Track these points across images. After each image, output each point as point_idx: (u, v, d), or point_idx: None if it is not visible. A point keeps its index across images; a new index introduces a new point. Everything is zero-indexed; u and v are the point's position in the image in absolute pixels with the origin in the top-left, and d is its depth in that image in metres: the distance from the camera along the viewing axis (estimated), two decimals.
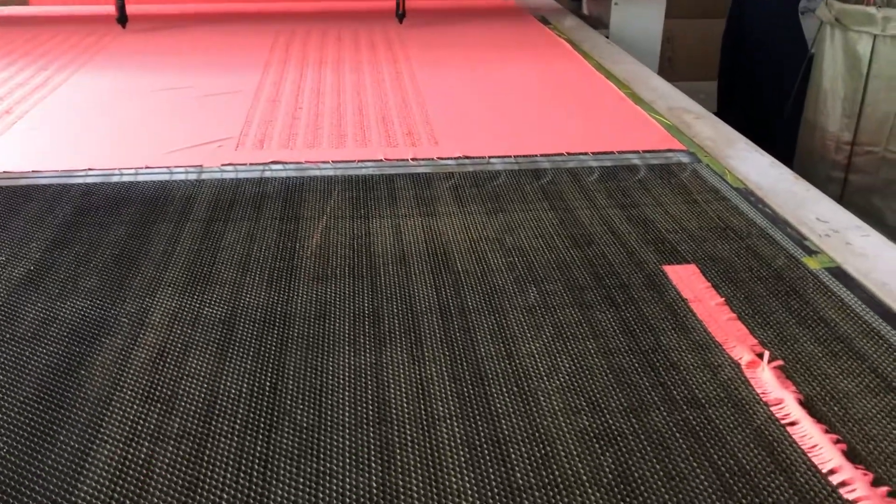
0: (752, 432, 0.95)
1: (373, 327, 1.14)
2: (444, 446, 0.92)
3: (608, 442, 0.93)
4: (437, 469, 0.89)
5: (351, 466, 0.89)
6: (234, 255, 1.33)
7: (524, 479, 0.88)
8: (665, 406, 0.99)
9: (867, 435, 0.95)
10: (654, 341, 1.12)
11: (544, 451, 0.92)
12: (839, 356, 1.09)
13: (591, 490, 0.86)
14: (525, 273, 1.29)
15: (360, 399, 1.00)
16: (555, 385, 1.03)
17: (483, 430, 0.95)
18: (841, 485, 0.87)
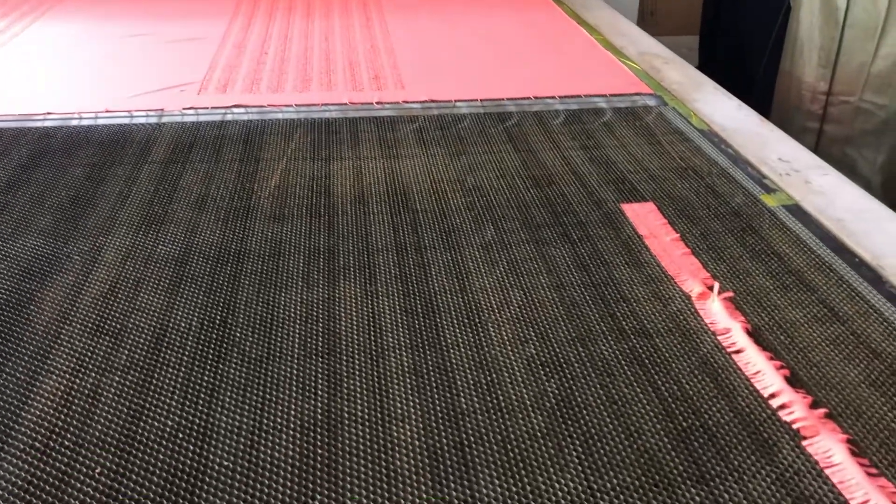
0: (697, 360, 0.96)
1: (327, 264, 1.14)
2: (391, 375, 0.93)
3: (554, 369, 0.94)
4: (384, 396, 0.89)
5: (297, 395, 0.90)
6: (191, 195, 1.32)
7: (468, 403, 0.89)
8: (613, 336, 1.00)
9: (811, 362, 0.96)
10: (607, 275, 1.13)
11: (490, 378, 0.93)
12: (790, 288, 1.10)
13: (534, 414, 0.87)
14: (483, 212, 1.29)
15: (311, 332, 1.00)
16: (505, 317, 1.04)
17: (431, 359, 0.95)
18: (780, 407, 0.88)
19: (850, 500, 0.77)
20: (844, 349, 0.98)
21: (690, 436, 0.85)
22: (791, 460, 0.82)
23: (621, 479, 0.79)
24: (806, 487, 0.79)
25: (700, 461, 0.81)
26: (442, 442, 0.84)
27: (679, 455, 0.82)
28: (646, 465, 0.81)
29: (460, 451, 0.82)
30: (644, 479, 0.79)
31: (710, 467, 0.81)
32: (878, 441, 0.84)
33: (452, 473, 0.80)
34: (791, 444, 0.84)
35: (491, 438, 0.84)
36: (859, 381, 0.93)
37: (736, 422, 0.87)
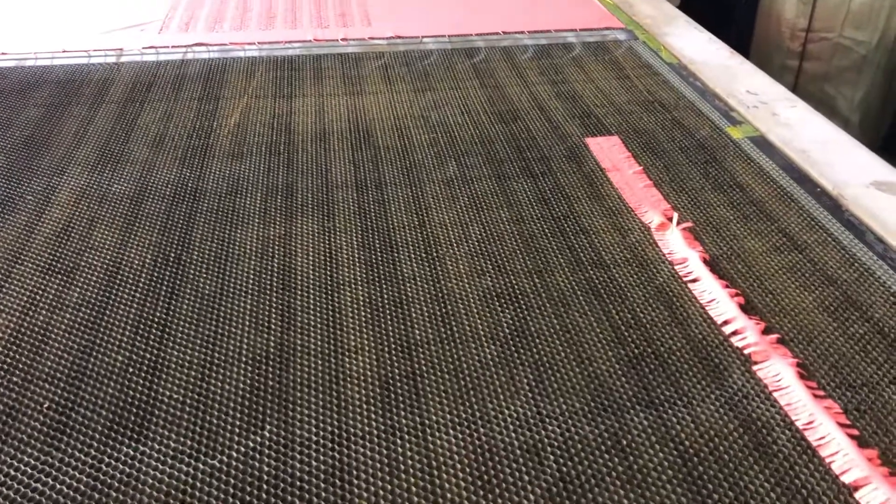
0: (653, 289, 0.96)
1: (285, 201, 1.13)
2: (346, 308, 0.92)
3: (509, 300, 0.94)
4: (337, 329, 0.89)
5: (250, 329, 0.89)
6: (149, 134, 1.30)
7: (422, 334, 0.88)
8: (570, 268, 1.00)
9: (766, 289, 0.96)
10: (568, 208, 1.12)
11: (445, 309, 0.92)
12: (750, 218, 1.10)
13: (487, 343, 0.87)
14: (446, 148, 1.27)
15: (266, 268, 0.99)
16: (463, 251, 1.03)
17: (387, 293, 0.95)
18: (733, 334, 0.89)
19: (795, 420, 0.78)
20: (801, 277, 0.98)
21: (642, 362, 0.85)
22: (741, 384, 0.82)
23: (570, 404, 0.80)
24: (754, 410, 0.79)
25: (650, 386, 0.82)
26: (394, 372, 0.84)
27: (629, 381, 0.83)
28: (595, 390, 0.81)
29: (412, 381, 0.82)
30: (593, 403, 0.80)
31: (659, 392, 0.81)
32: (828, 364, 0.85)
33: (403, 402, 0.80)
34: (741, 368, 0.84)
35: (443, 368, 0.84)
36: (813, 308, 0.93)
37: (688, 348, 0.87)
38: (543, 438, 0.76)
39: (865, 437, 0.76)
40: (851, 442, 0.75)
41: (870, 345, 0.88)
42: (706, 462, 0.73)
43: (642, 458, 0.74)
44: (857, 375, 0.83)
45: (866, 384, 0.82)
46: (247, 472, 0.72)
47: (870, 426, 0.78)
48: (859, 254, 1.02)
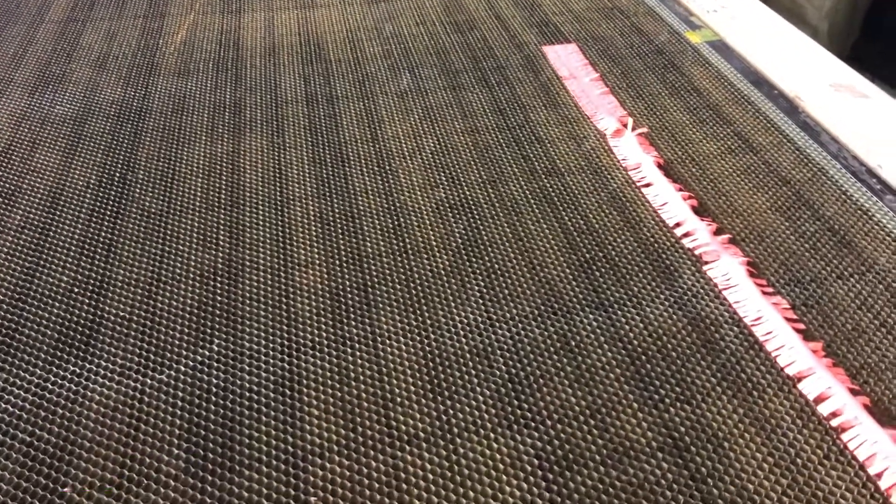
0: (606, 195, 0.96)
1: (233, 117, 1.10)
2: (296, 223, 0.91)
3: (462, 211, 0.93)
4: (287, 244, 0.88)
5: (197, 246, 0.88)
6: (92, 54, 1.25)
7: (374, 247, 0.88)
8: (524, 177, 0.99)
9: (720, 191, 0.96)
10: (523, 118, 1.10)
11: (398, 222, 0.91)
12: (706, 122, 1.09)
13: (440, 253, 0.87)
14: (400, 60, 1.24)
15: (214, 185, 0.97)
16: (417, 163, 1.01)
17: (338, 207, 0.93)
18: (684, 235, 0.89)
19: (743, 317, 0.78)
20: (755, 178, 0.98)
21: (593, 266, 0.85)
22: (690, 284, 0.83)
23: (521, 308, 0.80)
24: (703, 308, 0.80)
25: (600, 289, 0.82)
26: (345, 284, 0.83)
27: (580, 284, 0.83)
28: (546, 294, 0.81)
29: (363, 292, 0.82)
30: (543, 307, 0.80)
31: (609, 294, 0.81)
32: (778, 263, 0.85)
33: (354, 313, 0.79)
34: (692, 269, 0.85)
35: (395, 278, 0.83)
36: (766, 208, 0.93)
37: (639, 251, 0.87)
38: (493, 342, 0.76)
39: (811, 331, 0.77)
40: (797, 336, 0.75)
41: (820, 242, 0.88)
42: (654, 360, 0.74)
43: (590, 357, 0.74)
44: (806, 272, 0.84)
45: (814, 280, 0.83)
46: (195, 385, 0.72)
47: (816, 320, 0.78)
48: (813, 154, 1.01)
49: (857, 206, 0.93)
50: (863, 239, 0.88)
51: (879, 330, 0.77)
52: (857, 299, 0.80)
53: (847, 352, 0.75)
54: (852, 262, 0.85)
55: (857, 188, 0.95)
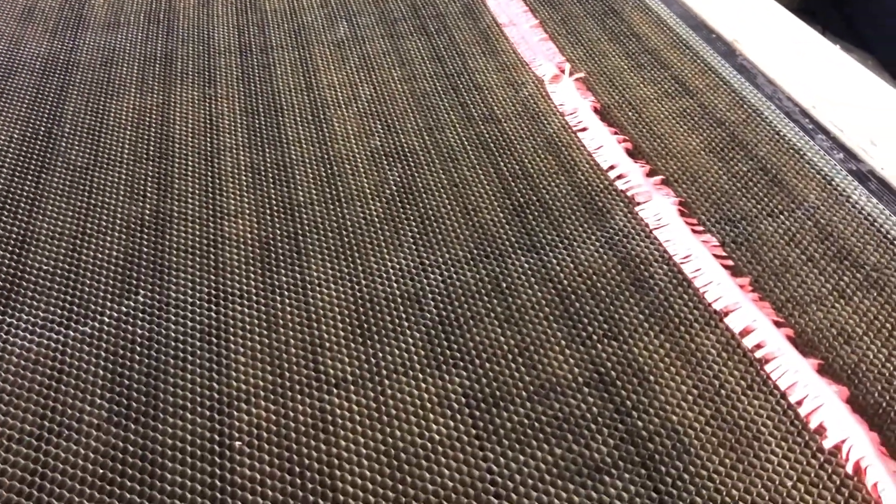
0: (542, 140, 0.95)
1: (164, 70, 1.07)
2: (226, 174, 0.89)
3: (397, 159, 0.92)
4: (217, 194, 0.86)
5: (125, 198, 0.86)
6: (16, 7, 1.21)
7: (306, 196, 0.86)
8: (461, 124, 0.98)
9: (654, 134, 0.96)
10: (462, 65, 1.09)
11: (331, 170, 0.90)
12: (644, 67, 1.08)
13: (373, 201, 0.86)
14: (338, 8, 1.22)
15: (142, 137, 0.95)
16: (352, 112, 1.00)
17: (270, 157, 0.92)
18: (617, 178, 0.89)
19: (673, 255, 0.79)
20: (690, 121, 0.98)
21: (526, 210, 0.85)
22: (622, 225, 0.83)
23: (454, 252, 0.79)
24: (633, 248, 0.80)
25: (533, 232, 0.82)
26: (275, 233, 0.82)
27: (513, 228, 0.82)
28: (479, 239, 0.81)
29: (293, 241, 0.81)
30: (476, 251, 0.79)
31: (542, 237, 0.81)
32: (710, 202, 0.86)
33: (284, 261, 0.78)
34: (624, 210, 0.85)
35: (326, 227, 0.82)
36: (700, 150, 0.93)
37: (573, 194, 0.87)
38: (425, 286, 0.76)
39: (740, 267, 0.78)
40: (726, 272, 0.76)
41: (752, 181, 0.89)
42: (583, 299, 0.74)
43: (521, 298, 0.74)
44: (737, 210, 0.85)
45: (745, 218, 0.84)
46: (119, 336, 0.70)
47: (745, 256, 0.79)
48: (749, 96, 1.02)
49: (789, 146, 0.93)
50: (794, 177, 0.89)
51: (806, 265, 0.78)
52: (785, 235, 0.81)
53: (774, 286, 0.76)
54: (782, 199, 0.86)
55: (791, 128, 0.96)
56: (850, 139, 0.94)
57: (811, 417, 0.64)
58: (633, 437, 0.62)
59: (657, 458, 0.61)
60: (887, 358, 0.69)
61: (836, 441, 0.62)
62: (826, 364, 0.68)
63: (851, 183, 0.87)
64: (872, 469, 0.59)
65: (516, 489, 0.59)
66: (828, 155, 0.91)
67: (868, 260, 0.78)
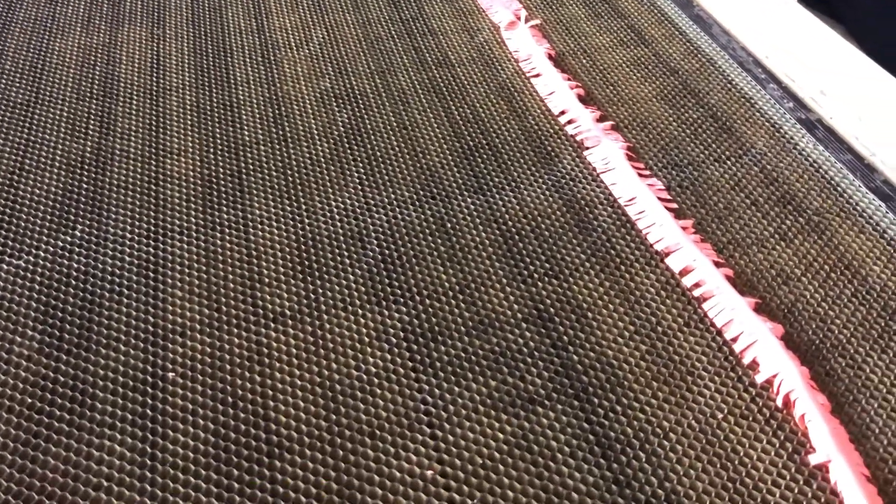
0: (495, 86, 0.94)
1: (111, 9, 1.04)
2: (170, 113, 0.88)
3: (347, 101, 0.91)
4: (160, 133, 0.85)
5: (65, 136, 0.84)
6: None
7: (251, 136, 0.85)
8: (414, 68, 0.97)
9: (608, 81, 0.95)
10: (417, 10, 1.07)
11: (278, 111, 0.89)
12: (601, 16, 1.07)
13: (321, 142, 0.85)
14: None
15: (86, 76, 0.92)
16: (303, 54, 0.98)
17: (217, 97, 0.90)
18: (567, 123, 0.88)
19: (618, 198, 0.79)
20: (644, 69, 0.98)
21: (475, 153, 0.84)
22: (569, 168, 0.83)
23: (399, 193, 0.79)
24: (579, 191, 0.80)
25: (481, 174, 0.81)
26: (218, 172, 0.80)
27: (461, 171, 0.82)
28: (426, 180, 0.80)
29: (237, 179, 0.80)
30: (422, 192, 0.79)
31: (489, 179, 0.81)
32: (658, 147, 0.86)
33: (226, 199, 0.77)
34: (572, 154, 0.84)
35: (271, 166, 0.81)
36: (651, 97, 0.93)
37: (522, 138, 0.86)
38: (368, 226, 0.75)
39: (684, 210, 0.78)
40: (669, 214, 0.76)
41: (701, 128, 0.89)
42: (526, 239, 0.74)
43: (465, 238, 0.74)
44: (685, 156, 0.85)
45: (692, 163, 0.84)
46: (54, 270, 0.69)
47: (689, 200, 0.79)
48: (703, 45, 1.01)
49: (740, 95, 0.93)
50: (743, 125, 0.89)
51: (750, 208, 0.78)
52: (731, 181, 0.82)
53: (716, 229, 0.76)
54: (731, 146, 0.86)
55: (743, 77, 0.96)
56: (801, 89, 0.94)
57: (745, 353, 0.64)
58: (567, 371, 0.63)
59: (591, 390, 0.61)
60: (823, 298, 0.69)
61: (767, 376, 0.62)
62: (763, 303, 0.69)
63: (799, 131, 0.88)
64: (801, 401, 0.60)
65: (449, 419, 0.59)
66: (778, 104, 0.92)
67: (811, 205, 0.79)
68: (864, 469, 0.56)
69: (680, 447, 0.58)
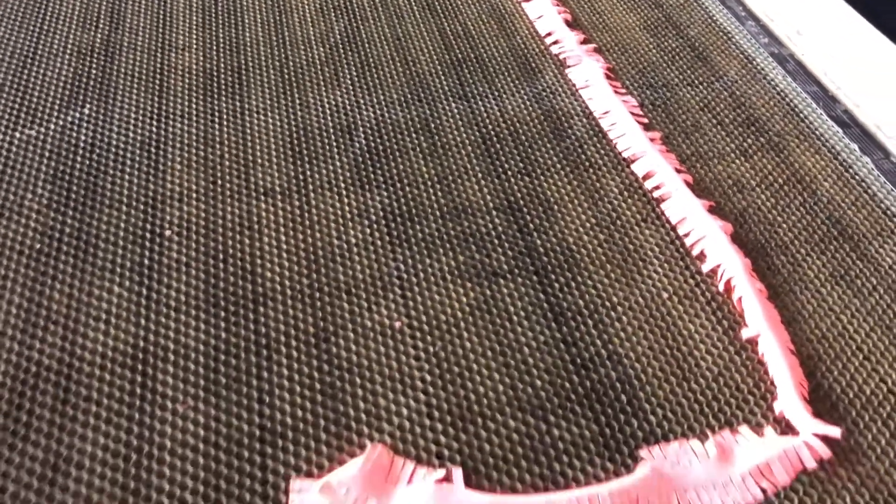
0: (487, 7, 0.99)
1: None
2: (177, 12, 0.93)
3: (345, 12, 0.96)
4: (167, 29, 0.90)
5: (77, 26, 0.89)
6: None
7: (253, 37, 0.90)
8: None
9: (595, 10, 1.00)
10: None
11: (279, 18, 0.94)
12: None
13: (317, 47, 0.90)
14: None
15: None
16: None
17: (221, 2, 0.95)
18: (553, 43, 0.93)
19: (593, 111, 0.84)
20: (629, 1, 1.02)
21: (462, 65, 0.89)
22: (551, 83, 0.88)
23: (388, 95, 0.84)
24: (558, 103, 0.85)
25: (466, 83, 0.87)
26: (220, 67, 0.86)
27: (448, 79, 0.87)
28: (415, 86, 0.86)
29: (237, 74, 0.85)
30: (410, 95, 0.84)
31: (474, 88, 0.86)
32: (636, 70, 0.91)
33: (226, 91, 0.83)
34: (554, 70, 0.90)
35: (270, 65, 0.86)
36: (635, 26, 0.98)
37: (509, 55, 0.91)
38: (357, 121, 0.80)
39: (653, 125, 0.83)
40: (639, 127, 0.82)
41: (678, 56, 0.94)
42: (504, 141, 0.80)
43: (446, 137, 0.80)
44: (660, 78, 0.90)
45: (666, 85, 0.89)
46: (63, 140, 0.75)
47: (660, 117, 0.85)
48: None
49: (719, 28, 0.98)
50: (718, 55, 0.94)
51: (715, 127, 0.84)
52: (701, 102, 0.87)
53: (682, 143, 0.82)
54: (704, 73, 0.91)
55: (723, 13, 1.00)
56: (778, 27, 0.99)
57: (695, 246, 0.70)
58: (530, 252, 0.68)
59: (549, 268, 0.67)
60: (773, 206, 0.75)
61: (712, 265, 0.68)
62: (717, 207, 0.74)
63: (770, 63, 0.93)
64: (740, 287, 0.66)
65: (419, 284, 0.65)
66: (754, 39, 0.97)
67: (773, 127, 0.84)
68: (790, 345, 0.62)
69: (625, 318, 0.64)
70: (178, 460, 0.52)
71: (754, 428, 0.57)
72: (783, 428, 0.57)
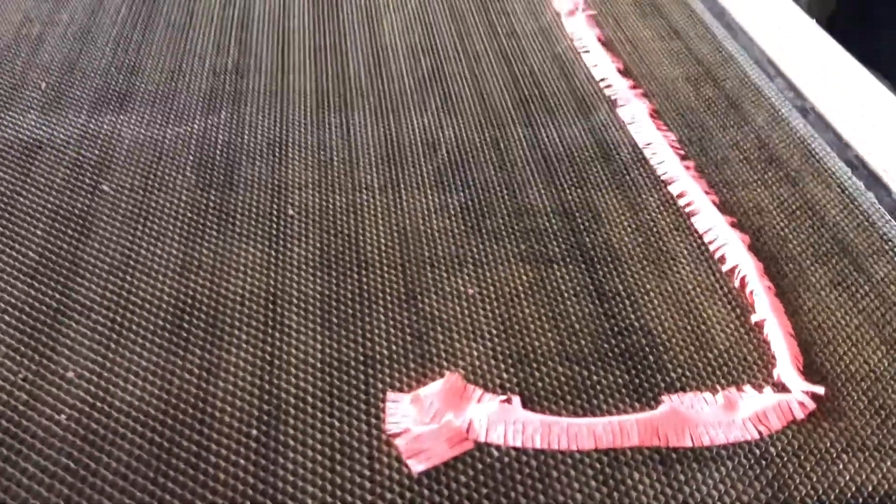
0: (550, 55, 1.16)
1: None
2: (294, 51, 1.11)
3: (430, 53, 1.14)
4: (286, 66, 1.08)
5: (212, 54, 1.08)
6: None
7: (356, 70, 1.08)
8: (487, 35, 1.19)
9: (644, 62, 1.17)
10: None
11: (378, 55, 1.12)
12: (647, 15, 1.29)
13: (408, 78, 1.07)
14: None
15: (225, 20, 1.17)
16: (398, 17, 1.21)
17: (329, 40, 1.14)
18: (606, 87, 1.10)
19: (638, 142, 1.00)
20: (675, 57, 1.19)
21: (529, 100, 1.06)
22: (603, 118, 1.04)
23: (466, 120, 1.01)
24: (609, 135, 1.01)
25: (531, 115, 1.03)
26: (328, 89, 1.04)
27: (516, 111, 1.04)
28: (488, 114, 1.03)
29: (342, 97, 1.03)
30: (484, 121, 1.01)
31: (538, 118, 1.03)
32: (676, 112, 1.07)
33: (334, 108, 1.00)
34: (606, 109, 1.06)
35: (369, 91, 1.04)
36: (678, 77, 1.14)
37: (568, 94, 1.08)
38: (440, 138, 0.97)
39: (688, 156, 0.99)
40: (676, 156, 0.97)
41: (714, 104, 1.09)
42: (562, 160, 0.96)
43: (513, 154, 0.96)
44: (697, 120, 1.05)
45: (702, 126, 1.04)
46: (205, 138, 0.93)
47: (694, 150, 1.00)
48: (727, 45, 1.22)
49: (751, 83, 1.14)
50: (749, 105, 1.09)
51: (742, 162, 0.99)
52: (731, 141, 1.02)
53: (712, 172, 0.96)
54: (735, 118, 1.07)
55: (756, 71, 1.16)
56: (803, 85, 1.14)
57: (717, 251, 0.84)
58: (580, 246, 0.84)
59: (595, 259, 0.82)
60: (786, 225, 0.89)
61: (731, 266, 0.82)
62: (738, 223, 0.89)
63: (794, 114, 1.08)
64: (751, 283, 0.80)
65: (488, 264, 0.80)
66: (781, 93, 1.12)
67: (791, 164, 0.99)
68: (791, 331, 0.76)
69: (656, 300, 0.78)
70: (301, 373, 0.68)
71: (756, 387, 0.70)
72: (779, 389, 0.70)
